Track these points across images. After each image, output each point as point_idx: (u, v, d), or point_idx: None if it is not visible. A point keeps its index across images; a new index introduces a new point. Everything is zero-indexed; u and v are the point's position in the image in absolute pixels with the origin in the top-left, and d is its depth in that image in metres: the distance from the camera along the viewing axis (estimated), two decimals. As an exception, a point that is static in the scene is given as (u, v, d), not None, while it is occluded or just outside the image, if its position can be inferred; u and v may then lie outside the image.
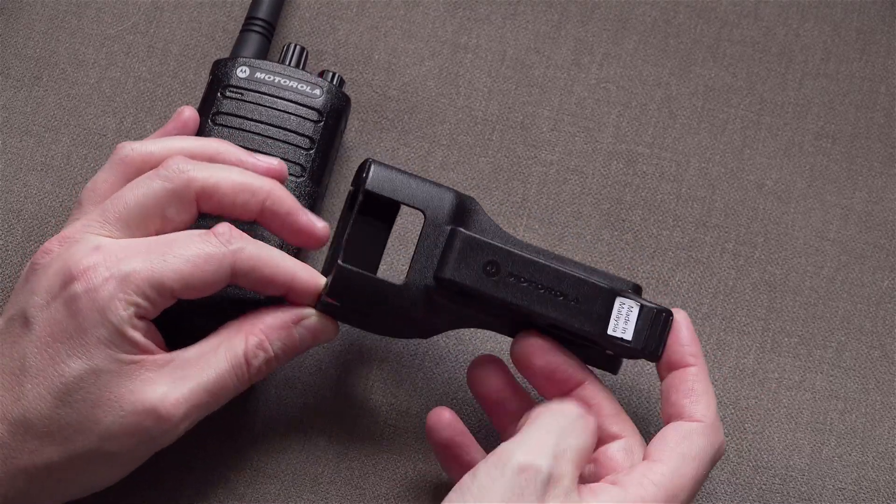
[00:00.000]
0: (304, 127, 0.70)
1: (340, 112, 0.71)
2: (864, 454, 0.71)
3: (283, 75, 0.70)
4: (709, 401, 0.64)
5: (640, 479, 0.61)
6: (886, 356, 0.73)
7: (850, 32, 0.77)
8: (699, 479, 0.62)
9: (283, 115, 0.69)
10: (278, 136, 0.69)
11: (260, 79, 0.70)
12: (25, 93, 0.74)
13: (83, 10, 0.76)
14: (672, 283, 0.73)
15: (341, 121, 0.71)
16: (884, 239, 0.74)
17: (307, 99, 0.70)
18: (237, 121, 0.69)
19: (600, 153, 0.75)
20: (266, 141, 0.69)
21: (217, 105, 0.70)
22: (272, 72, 0.70)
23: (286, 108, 0.70)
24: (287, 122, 0.69)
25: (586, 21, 0.77)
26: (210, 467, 0.69)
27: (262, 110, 0.69)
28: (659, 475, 0.61)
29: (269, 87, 0.70)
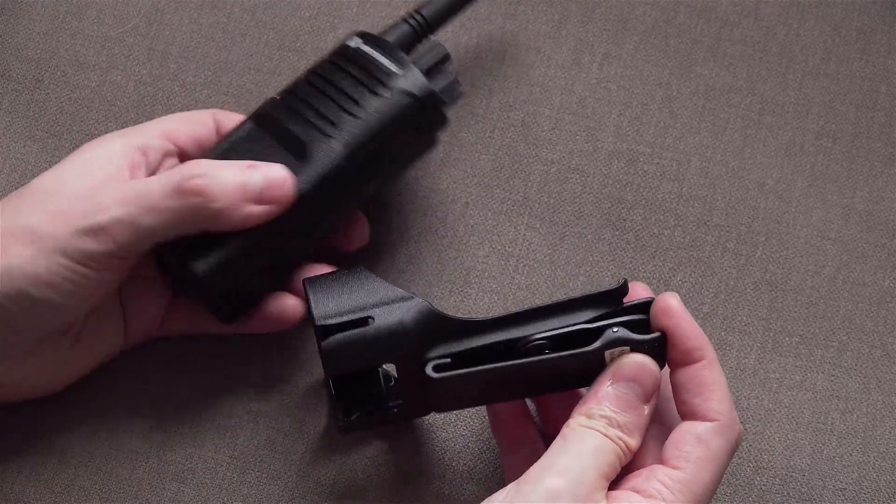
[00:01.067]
0: (362, 97, 0.67)
1: (414, 99, 0.68)
2: (866, 454, 0.71)
3: (384, 53, 0.69)
4: (721, 395, 0.63)
5: (660, 489, 0.61)
6: (888, 356, 0.73)
7: (850, 32, 0.77)
8: (717, 479, 0.62)
9: (354, 82, 0.68)
10: (336, 98, 0.67)
11: (363, 51, 0.69)
12: (27, 96, 0.74)
13: (83, 12, 0.76)
14: (673, 282, 0.73)
15: (412, 107, 0.68)
16: (885, 238, 0.74)
17: (384, 76, 0.68)
18: (321, 82, 0.68)
19: (601, 152, 0.75)
20: (325, 101, 0.67)
21: (318, 68, 0.69)
22: (378, 48, 0.69)
23: (362, 77, 0.68)
24: (351, 87, 0.67)
25: (587, 21, 0.77)
26: (211, 468, 0.69)
27: (342, 76, 0.68)
28: (678, 483, 0.61)
29: (363, 58, 0.68)
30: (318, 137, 0.67)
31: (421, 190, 0.74)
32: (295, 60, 0.76)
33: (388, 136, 0.68)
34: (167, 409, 0.70)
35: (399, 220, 0.74)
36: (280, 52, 0.76)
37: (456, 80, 0.70)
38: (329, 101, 0.68)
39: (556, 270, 0.73)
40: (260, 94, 0.75)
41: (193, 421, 0.70)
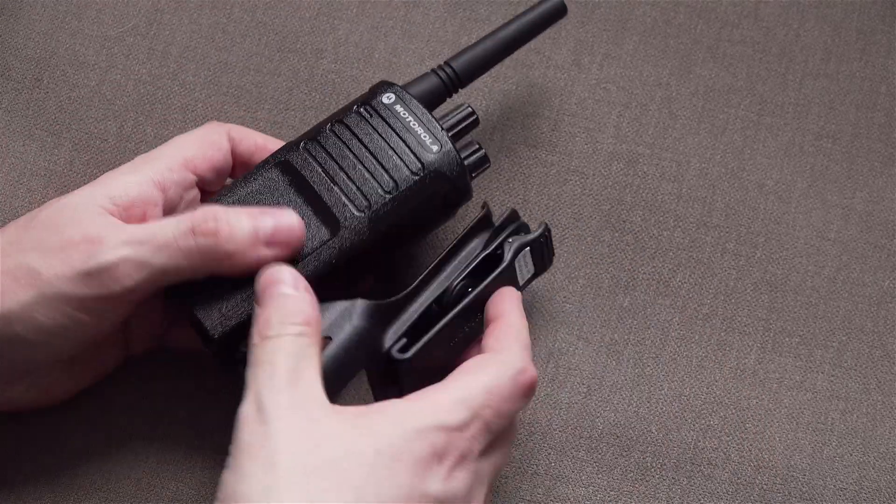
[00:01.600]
0: (397, 171, 0.66)
1: (445, 179, 0.67)
2: (866, 454, 0.71)
3: (417, 118, 0.67)
4: (514, 333, 0.64)
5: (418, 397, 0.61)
6: (887, 356, 0.73)
7: (850, 32, 0.77)
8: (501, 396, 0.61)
9: (387, 149, 0.66)
10: (369, 166, 0.66)
11: (395, 110, 0.67)
12: (27, 95, 0.74)
13: (83, 12, 0.76)
14: (673, 283, 0.73)
15: (443, 188, 0.67)
16: (884, 239, 0.74)
17: (419, 148, 0.66)
18: (348, 135, 0.67)
19: (601, 154, 0.75)
20: (356, 165, 0.66)
21: (345, 115, 0.67)
22: (411, 111, 0.67)
23: (395, 144, 0.66)
24: (385, 157, 0.66)
25: (586, 21, 0.77)
26: (210, 468, 0.69)
27: (374, 137, 0.66)
28: (437, 392, 0.61)
29: (395, 120, 0.67)
30: (348, 210, 0.66)
31: (420, 190, 0.74)
32: (295, 61, 0.75)
33: (417, 216, 0.67)
34: (167, 409, 0.70)
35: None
36: (280, 52, 0.76)
37: (484, 155, 0.69)
38: (361, 167, 0.66)
39: (555, 272, 0.73)
40: (260, 94, 0.75)
41: (193, 421, 0.70)
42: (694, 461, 0.71)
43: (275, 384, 0.59)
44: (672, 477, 0.70)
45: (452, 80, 0.70)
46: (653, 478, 0.70)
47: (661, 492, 0.70)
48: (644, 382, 0.71)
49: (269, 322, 0.61)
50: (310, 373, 0.60)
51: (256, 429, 0.58)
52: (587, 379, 0.71)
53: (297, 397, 0.59)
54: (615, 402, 0.71)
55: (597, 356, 0.72)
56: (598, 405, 0.71)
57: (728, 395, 0.72)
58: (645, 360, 0.72)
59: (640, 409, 0.71)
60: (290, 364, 0.59)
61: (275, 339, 0.60)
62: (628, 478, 0.70)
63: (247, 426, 0.58)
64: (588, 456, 0.70)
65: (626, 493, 0.70)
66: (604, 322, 0.72)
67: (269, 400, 0.58)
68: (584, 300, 0.73)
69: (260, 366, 0.60)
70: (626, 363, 0.72)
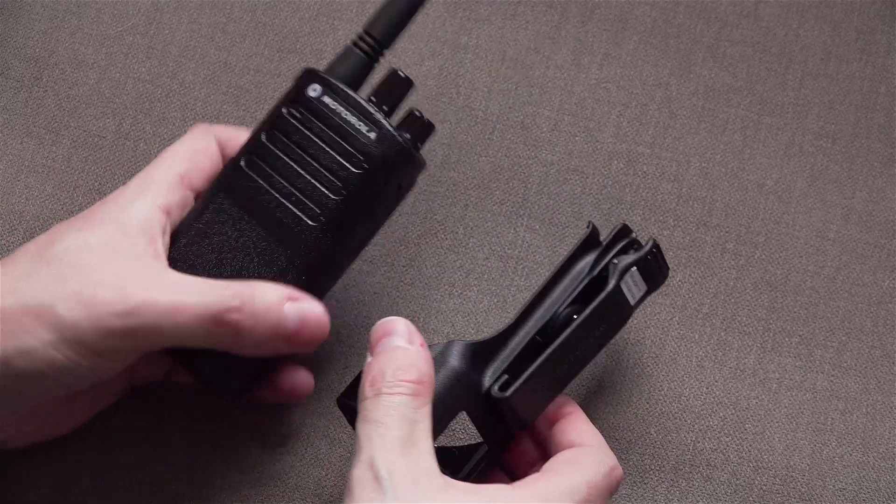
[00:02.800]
0: (339, 171, 0.64)
1: (393, 166, 0.64)
2: (865, 454, 0.71)
3: (348, 106, 0.64)
4: (594, 431, 0.65)
5: (525, 485, 0.62)
6: (887, 356, 0.73)
7: (850, 32, 0.77)
8: (599, 491, 0.63)
9: (325, 150, 0.64)
10: (312, 173, 0.64)
11: (325, 102, 0.64)
12: (25, 93, 0.74)
13: (83, 11, 0.76)
14: (673, 282, 0.73)
15: (393, 176, 0.65)
16: (884, 239, 0.74)
17: (357, 141, 0.64)
18: (284, 143, 0.64)
19: (601, 153, 0.75)
20: (300, 174, 0.64)
21: (277, 120, 0.65)
22: (340, 99, 0.65)
23: (332, 143, 0.64)
24: (326, 158, 0.64)
25: (586, 21, 0.77)
26: (212, 469, 0.69)
27: (310, 139, 0.64)
28: (544, 483, 0.62)
29: (326, 115, 0.64)
30: (303, 223, 0.64)
31: (420, 192, 0.74)
32: (294, 62, 0.75)
33: (374, 205, 0.65)
34: (166, 410, 0.70)
35: (398, 223, 0.73)
36: (280, 53, 0.76)
37: (426, 121, 0.66)
38: (305, 176, 0.64)
39: (556, 270, 0.73)
40: (259, 94, 0.75)
41: (192, 422, 0.70)
42: (693, 462, 0.70)
43: (389, 449, 0.59)
44: (671, 478, 0.70)
45: (373, 47, 0.66)
46: (651, 479, 0.70)
47: (659, 493, 0.70)
48: (643, 382, 0.71)
49: (383, 375, 0.61)
50: (424, 440, 0.60)
51: (373, 496, 0.58)
52: (586, 380, 0.71)
53: (412, 467, 0.59)
54: (614, 402, 0.71)
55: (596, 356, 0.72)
56: (597, 406, 0.71)
57: (728, 396, 0.72)
58: (644, 360, 0.72)
59: (640, 410, 0.71)
60: (405, 427, 0.60)
61: (387, 395, 0.60)
62: (627, 480, 0.70)
63: (363, 492, 0.58)
64: (587, 456, 0.70)
65: (625, 495, 0.70)
66: (603, 321, 0.72)
67: (385, 467, 0.58)
68: (584, 300, 0.73)
69: (373, 424, 0.60)
70: (625, 363, 0.72)
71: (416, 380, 0.61)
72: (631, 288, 0.66)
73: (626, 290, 0.66)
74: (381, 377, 0.61)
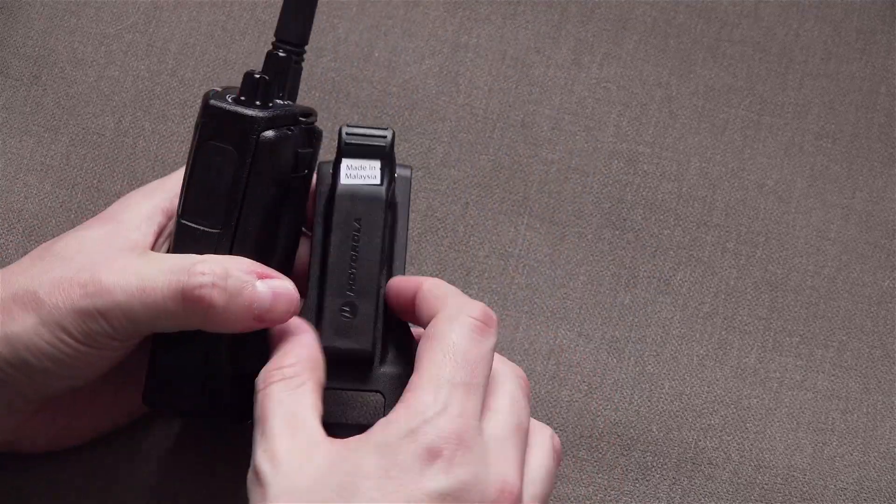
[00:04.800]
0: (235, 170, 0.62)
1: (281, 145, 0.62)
2: (866, 454, 0.71)
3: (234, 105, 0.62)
4: (442, 293, 0.61)
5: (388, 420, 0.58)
6: (888, 356, 0.73)
7: (850, 32, 0.77)
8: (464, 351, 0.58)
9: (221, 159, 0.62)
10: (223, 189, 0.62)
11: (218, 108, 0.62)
12: (24, 92, 0.74)
13: (82, 9, 0.75)
14: (673, 282, 0.73)
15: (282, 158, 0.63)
16: (884, 239, 0.74)
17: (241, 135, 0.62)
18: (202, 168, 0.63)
19: (601, 152, 0.75)
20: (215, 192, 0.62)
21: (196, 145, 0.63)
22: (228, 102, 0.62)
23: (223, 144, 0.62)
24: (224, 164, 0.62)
25: (586, 21, 0.77)
26: (211, 469, 0.69)
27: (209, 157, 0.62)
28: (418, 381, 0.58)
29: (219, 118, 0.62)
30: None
31: (420, 190, 0.74)
32: (293, 61, 0.75)
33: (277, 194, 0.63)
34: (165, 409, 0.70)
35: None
36: (278, 52, 0.76)
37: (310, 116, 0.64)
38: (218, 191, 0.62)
39: (556, 270, 0.73)
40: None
41: (191, 421, 0.70)
42: (695, 461, 0.70)
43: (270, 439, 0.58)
44: (673, 476, 0.70)
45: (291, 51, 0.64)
46: (653, 477, 0.70)
47: (661, 491, 0.70)
48: (645, 381, 0.71)
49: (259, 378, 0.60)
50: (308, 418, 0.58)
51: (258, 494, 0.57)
52: (588, 377, 0.71)
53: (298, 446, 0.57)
54: (616, 400, 0.71)
55: (598, 354, 0.71)
56: (599, 404, 0.71)
57: (729, 395, 0.71)
58: (646, 359, 0.72)
59: (641, 408, 0.71)
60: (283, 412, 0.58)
61: (261, 391, 0.60)
62: (629, 477, 0.70)
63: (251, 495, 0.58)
64: (588, 455, 0.70)
65: (627, 492, 0.70)
66: (605, 319, 0.72)
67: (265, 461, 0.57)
68: (585, 297, 0.72)
69: (256, 423, 0.59)
70: (627, 361, 0.71)
71: (289, 364, 0.60)
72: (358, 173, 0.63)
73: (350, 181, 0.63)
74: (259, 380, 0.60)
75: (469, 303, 0.60)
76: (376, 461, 0.56)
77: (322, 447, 0.57)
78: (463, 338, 0.59)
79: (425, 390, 0.57)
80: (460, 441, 0.57)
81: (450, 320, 0.60)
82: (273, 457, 0.57)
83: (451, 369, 0.58)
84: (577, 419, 0.71)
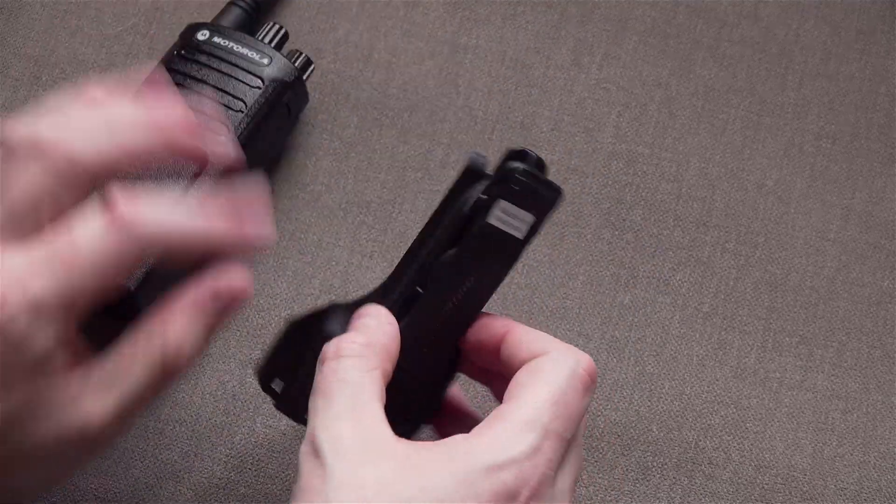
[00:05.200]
0: (240, 90, 0.70)
1: (286, 85, 0.70)
2: (866, 454, 0.71)
3: (238, 42, 0.70)
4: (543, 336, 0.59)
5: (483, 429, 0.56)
6: (887, 356, 0.73)
7: (850, 33, 0.77)
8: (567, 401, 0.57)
9: (225, 77, 0.70)
10: (218, 98, 0.69)
11: (215, 42, 0.70)
12: (25, 93, 0.74)
13: (83, 11, 0.76)
14: (673, 282, 0.73)
15: (285, 94, 0.70)
16: (884, 239, 0.74)
17: (253, 66, 0.70)
18: (181, 78, 0.70)
19: (600, 153, 0.75)
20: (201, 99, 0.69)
21: (170, 63, 0.70)
22: (229, 38, 0.71)
23: (230, 71, 0.70)
24: (227, 84, 0.70)
25: (586, 21, 0.77)
26: (208, 468, 0.69)
27: (207, 71, 0.70)
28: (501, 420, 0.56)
29: (220, 50, 0.70)
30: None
31: (420, 192, 0.74)
32: (293, 62, 0.76)
33: (270, 127, 0.70)
34: (164, 409, 0.70)
35: (398, 220, 0.73)
36: (279, 53, 0.76)
37: (308, 58, 0.72)
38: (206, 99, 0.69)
39: (556, 270, 0.73)
40: (259, 94, 0.75)
41: (190, 420, 0.70)
42: (695, 461, 0.70)
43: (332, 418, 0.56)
44: (673, 476, 0.70)
45: (251, 5, 0.74)
46: (654, 477, 0.70)
47: (662, 491, 0.70)
48: (645, 381, 0.71)
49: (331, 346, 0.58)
50: (371, 403, 0.56)
51: (314, 472, 0.55)
52: (588, 377, 0.71)
53: (359, 432, 0.55)
54: (616, 400, 0.71)
55: (597, 354, 0.72)
56: (599, 404, 0.71)
57: (729, 395, 0.71)
58: (646, 359, 0.72)
59: (641, 408, 0.71)
60: (349, 393, 0.56)
61: (330, 362, 0.58)
62: (629, 477, 0.70)
63: (305, 468, 0.56)
64: (588, 455, 0.70)
65: (627, 492, 0.70)
66: (604, 319, 0.72)
67: (326, 439, 0.55)
68: (585, 297, 0.72)
69: (319, 395, 0.57)
70: (626, 361, 0.72)
71: (365, 342, 0.58)
72: (508, 220, 0.60)
73: (499, 223, 0.60)
74: (328, 348, 0.58)
75: (580, 353, 0.59)
76: (453, 486, 0.54)
77: (390, 448, 0.55)
78: (571, 388, 0.57)
79: (521, 429, 0.56)
80: (537, 490, 0.55)
81: (560, 364, 0.58)
82: (336, 440, 0.55)
83: (551, 415, 0.56)
84: (577, 419, 0.71)
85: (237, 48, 0.70)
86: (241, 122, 0.69)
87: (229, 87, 0.70)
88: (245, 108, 0.69)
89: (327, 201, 0.73)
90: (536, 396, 0.56)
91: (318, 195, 0.74)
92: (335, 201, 0.73)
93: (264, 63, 0.70)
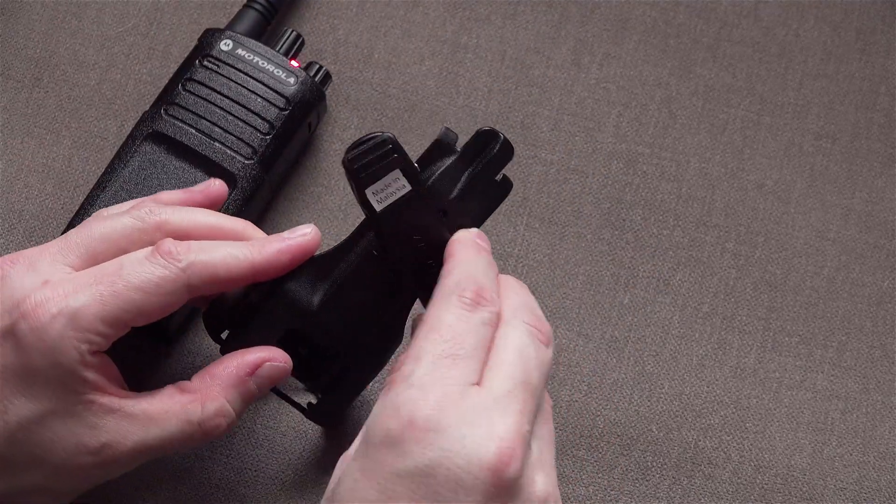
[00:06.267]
0: (267, 111, 0.70)
1: (310, 106, 0.71)
2: (866, 454, 0.71)
3: (263, 57, 0.70)
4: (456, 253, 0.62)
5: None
6: (887, 356, 0.73)
7: (850, 32, 0.77)
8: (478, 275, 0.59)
9: (250, 94, 0.70)
10: (240, 115, 0.70)
11: (239, 55, 0.70)
12: (26, 94, 0.74)
13: (83, 12, 0.76)
14: (673, 282, 0.73)
15: (310, 114, 0.71)
16: (884, 239, 0.74)
17: (279, 85, 0.70)
18: (205, 90, 0.70)
19: (600, 153, 0.75)
20: (226, 116, 0.69)
21: (192, 72, 0.70)
22: (254, 51, 0.71)
23: (255, 88, 0.70)
24: (252, 102, 0.70)
25: (586, 21, 0.77)
26: (208, 468, 0.69)
27: (232, 86, 0.70)
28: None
29: (245, 64, 0.70)
30: (237, 161, 0.69)
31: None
32: (294, 62, 0.76)
33: (293, 145, 0.71)
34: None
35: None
36: (279, 53, 0.76)
37: (327, 71, 0.72)
38: (232, 117, 0.69)
39: (556, 270, 0.73)
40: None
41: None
42: (694, 460, 0.70)
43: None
44: (673, 476, 0.70)
45: (265, 7, 0.73)
46: (653, 477, 0.70)
47: (661, 491, 0.70)
48: (644, 381, 0.71)
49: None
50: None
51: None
52: (587, 377, 0.71)
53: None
54: (616, 400, 0.71)
55: (597, 354, 0.72)
56: (599, 403, 0.71)
57: (728, 395, 0.71)
58: (645, 359, 0.72)
59: (641, 408, 0.71)
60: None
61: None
62: (629, 477, 0.70)
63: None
64: (588, 455, 0.70)
65: (627, 492, 0.70)
66: (604, 319, 0.72)
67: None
68: (585, 297, 0.73)
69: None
70: (626, 361, 0.72)
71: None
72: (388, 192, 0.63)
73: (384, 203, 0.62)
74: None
75: (465, 278, 0.59)
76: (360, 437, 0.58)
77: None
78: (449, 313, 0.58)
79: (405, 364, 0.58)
80: (411, 422, 0.56)
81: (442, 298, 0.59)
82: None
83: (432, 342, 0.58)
84: (577, 419, 0.71)
85: (262, 63, 0.70)
86: (268, 144, 0.69)
87: (254, 105, 0.70)
88: (271, 129, 0.70)
89: (328, 202, 0.73)
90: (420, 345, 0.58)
91: (319, 196, 0.74)
92: (335, 202, 0.73)
93: (290, 83, 0.70)
